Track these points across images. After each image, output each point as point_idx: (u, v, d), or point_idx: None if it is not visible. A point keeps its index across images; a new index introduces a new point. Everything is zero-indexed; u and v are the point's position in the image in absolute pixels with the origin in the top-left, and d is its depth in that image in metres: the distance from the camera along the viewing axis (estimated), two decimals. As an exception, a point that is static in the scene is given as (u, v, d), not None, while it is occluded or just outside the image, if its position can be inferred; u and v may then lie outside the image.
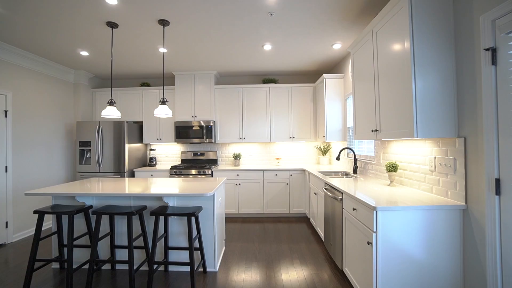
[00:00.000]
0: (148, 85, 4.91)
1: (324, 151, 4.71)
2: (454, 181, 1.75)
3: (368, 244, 1.73)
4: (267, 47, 3.51)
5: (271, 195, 4.32)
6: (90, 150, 4.29)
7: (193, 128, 4.55)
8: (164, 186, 2.65)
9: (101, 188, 2.59)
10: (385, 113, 2.10)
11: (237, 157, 4.76)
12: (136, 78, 5.10)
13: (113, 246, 2.55)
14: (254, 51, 3.69)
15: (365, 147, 3.41)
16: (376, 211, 1.66)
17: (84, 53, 3.68)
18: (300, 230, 3.73)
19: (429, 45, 1.71)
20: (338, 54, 3.87)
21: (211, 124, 4.55)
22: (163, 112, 2.70)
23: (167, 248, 2.52)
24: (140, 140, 4.80)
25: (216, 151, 4.88)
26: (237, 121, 4.67)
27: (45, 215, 3.74)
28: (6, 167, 3.44)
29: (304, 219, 4.24)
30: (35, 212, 2.25)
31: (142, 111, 4.78)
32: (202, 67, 4.40)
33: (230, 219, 4.29)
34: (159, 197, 2.55)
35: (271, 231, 3.71)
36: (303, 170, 4.29)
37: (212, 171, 4.34)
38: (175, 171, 4.32)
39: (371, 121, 2.36)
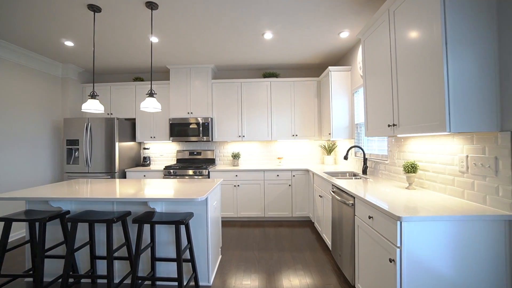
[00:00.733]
0: (142, 80, 4.62)
1: (329, 150, 4.40)
2: (495, 185, 1.44)
3: (390, 261, 1.42)
4: (268, 35, 3.20)
5: (272, 197, 4.02)
6: (78, 149, 4.00)
7: (189, 126, 4.26)
8: (153, 189, 2.36)
9: (82, 191, 2.30)
10: (405, 105, 1.79)
11: (236, 156, 4.46)
12: (129, 72, 4.81)
13: (93, 257, 2.26)
14: (254, 41, 3.39)
15: (375, 146, 3.11)
16: (401, 222, 1.35)
17: (69, 43, 3.39)
18: (304, 236, 3.42)
19: (464, 21, 1.40)
20: (345, 44, 3.56)
21: (208, 121, 4.25)
22: (150, 105, 2.40)
23: (154, 259, 2.22)
24: (133, 138, 4.51)
25: (213, 150, 4.59)
26: (236, 118, 4.37)
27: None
28: (-16, 167, 3.15)
29: (308, 223, 3.93)
30: (0, 219, 1.96)
31: (135, 107, 4.49)
32: (198, 59, 4.10)
33: (228, 223, 3.99)
34: (145, 202, 2.26)
35: (272, 237, 3.41)
36: (307, 171, 3.98)
37: (209, 172, 4.04)
38: (169, 171, 4.03)
39: (387, 114, 2.05)
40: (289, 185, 3.99)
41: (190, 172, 4.01)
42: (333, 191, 2.56)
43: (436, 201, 1.66)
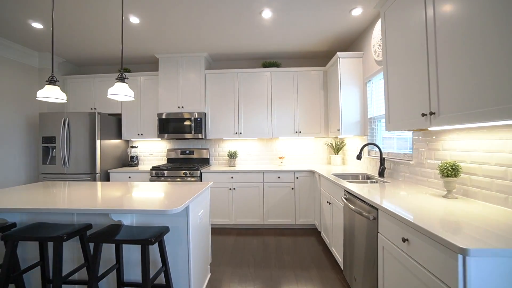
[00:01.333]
0: (129, 71, 4.18)
1: (337, 148, 3.91)
2: None
3: (444, 314, 0.95)
4: (266, 14, 2.73)
5: (273, 202, 3.55)
6: (55, 147, 3.57)
7: (180, 122, 3.80)
8: (126, 195, 1.90)
9: (37, 198, 1.85)
10: (450, 87, 1.31)
11: (232, 156, 4.00)
12: (115, 64, 4.37)
13: (46, 281, 1.81)
14: (251, 21, 2.92)
15: (392, 143, 2.62)
16: (464, 257, 0.88)
17: (37, 25, 2.95)
18: (308, 248, 2.95)
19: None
20: (357, 25, 3.07)
21: (201, 116, 3.79)
22: (120, 91, 1.94)
23: (121, 284, 1.77)
24: (119, 135, 4.07)
25: (208, 149, 4.13)
26: (232, 113, 3.90)
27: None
28: None
29: (313, 232, 3.46)
30: None
31: (121, 102, 4.05)
32: (190, 47, 3.64)
33: (222, 231, 3.53)
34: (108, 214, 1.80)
35: (272, 249, 2.94)
36: (312, 172, 3.50)
37: (201, 173, 3.59)
38: (156, 172, 3.58)
39: (420, 102, 1.57)
40: (292, 189, 3.52)
41: (180, 173, 3.56)
42: (345, 198, 2.08)
43: (500, 219, 1.17)
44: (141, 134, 4.02)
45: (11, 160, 3.47)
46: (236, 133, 3.89)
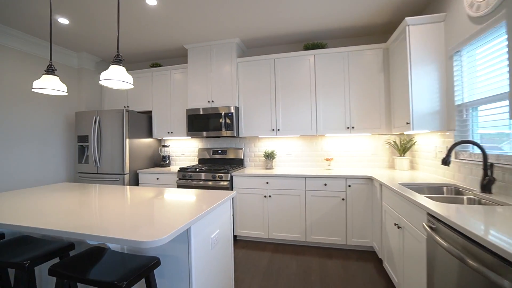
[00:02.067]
0: (159, 65, 3.95)
1: (403, 148, 3.01)
2: None
3: None
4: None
5: (318, 215, 2.86)
6: (88, 146, 3.51)
7: (209, 118, 3.39)
8: (116, 209, 1.50)
9: (24, 205, 1.57)
10: None
11: (269, 156, 3.42)
12: (147, 60, 4.20)
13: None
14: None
15: (500, 141, 1.71)
16: None
17: (63, 21, 2.83)
18: (365, 280, 2.20)
19: None
20: (436, -23, 2.19)
21: (232, 111, 3.30)
22: (116, 76, 1.53)
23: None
24: (150, 134, 3.86)
25: (242, 149, 3.64)
26: (268, 107, 3.33)
27: None
28: (-19, 166, 2.80)
29: (370, 257, 2.66)
30: None
31: (151, 98, 3.83)
32: (220, 33, 3.19)
33: (255, 246, 2.98)
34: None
35: (316, 276, 2.27)
36: (370, 179, 2.71)
37: (231, 176, 3.10)
38: (183, 175, 3.22)
39: None
40: (342, 199, 2.78)
41: (209, 176, 3.13)
42: (432, 228, 1.32)
43: None
44: (171, 132, 3.73)
45: (53, 159, 3.51)
46: (273, 130, 3.31)
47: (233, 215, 3.09)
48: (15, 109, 3.09)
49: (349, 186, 2.76)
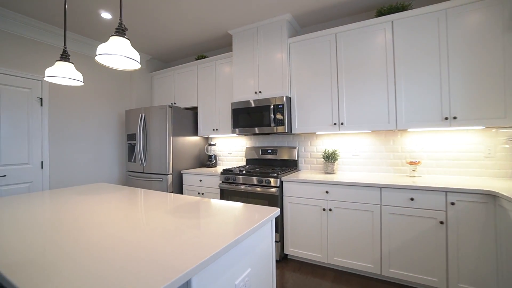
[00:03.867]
0: (204, 57, 3.65)
1: (545, 148, 1.94)
2: None
3: None
4: None
5: (400, 240, 2.05)
6: (135, 144, 3.44)
7: (255, 111, 2.89)
8: (108, 240, 1.12)
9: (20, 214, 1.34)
10: None
11: (330, 157, 2.73)
12: (193, 54, 3.96)
13: None
14: None
15: None
16: None
17: (106, 15, 2.72)
18: None
19: None
20: None
21: (284, 102, 2.73)
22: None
23: None
24: (196, 132, 3.60)
25: (296, 148, 3.04)
26: (328, 95, 2.64)
27: None
28: (42, 162, 2.93)
29: (491, 315, 1.73)
30: None
31: (196, 93, 3.56)
32: (267, 8, 2.66)
33: (311, 271, 2.34)
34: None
35: None
36: (491, 196, 1.77)
37: (281, 182, 2.54)
38: (227, 177, 2.80)
39: None
40: (441, 223, 1.91)
41: (254, 180, 2.63)
42: None
43: None
44: (216, 130, 3.38)
45: (106, 158, 3.57)
46: (335, 124, 2.60)
47: (283, 229, 2.52)
48: (67, 109, 3.18)
49: (452, 204, 1.87)
